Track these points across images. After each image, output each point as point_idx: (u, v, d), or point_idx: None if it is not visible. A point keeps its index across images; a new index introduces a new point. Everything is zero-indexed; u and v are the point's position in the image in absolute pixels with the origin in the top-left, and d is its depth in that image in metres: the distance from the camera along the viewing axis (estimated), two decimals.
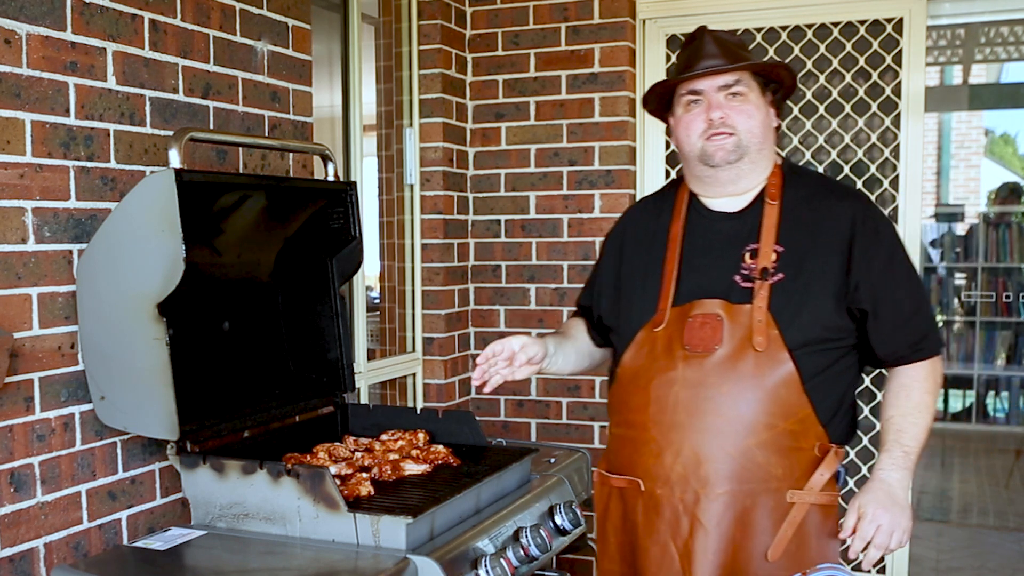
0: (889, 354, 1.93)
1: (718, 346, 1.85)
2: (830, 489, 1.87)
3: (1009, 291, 7.55)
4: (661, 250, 2.01)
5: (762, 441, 1.83)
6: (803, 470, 1.86)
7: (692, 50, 1.96)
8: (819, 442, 1.87)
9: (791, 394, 1.83)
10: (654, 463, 1.90)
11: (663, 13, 3.77)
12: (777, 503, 1.85)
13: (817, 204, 1.94)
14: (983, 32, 6.83)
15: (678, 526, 1.87)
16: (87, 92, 2.11)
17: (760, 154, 1.95)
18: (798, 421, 1.84)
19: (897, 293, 1.90)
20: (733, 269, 1.91)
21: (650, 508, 1.91)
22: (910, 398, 1.90)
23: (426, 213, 3.75)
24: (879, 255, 1.89)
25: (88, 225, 2.12)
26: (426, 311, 3.78)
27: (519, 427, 3.91)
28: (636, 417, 1.95)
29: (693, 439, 1.85)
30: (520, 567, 2.13)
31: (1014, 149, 12.02)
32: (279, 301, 2.65)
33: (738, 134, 1.91)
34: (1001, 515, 5.52)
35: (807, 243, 1.90)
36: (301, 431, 2.56)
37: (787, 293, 1.86)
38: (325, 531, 2.05)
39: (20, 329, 1.98)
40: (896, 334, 1.90)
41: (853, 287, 1.87)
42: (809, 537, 1.85)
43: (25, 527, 1.99)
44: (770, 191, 1.95)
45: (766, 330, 1.84)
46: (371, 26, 3.84)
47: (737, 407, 1.84)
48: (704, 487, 1.85)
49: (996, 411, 7.96)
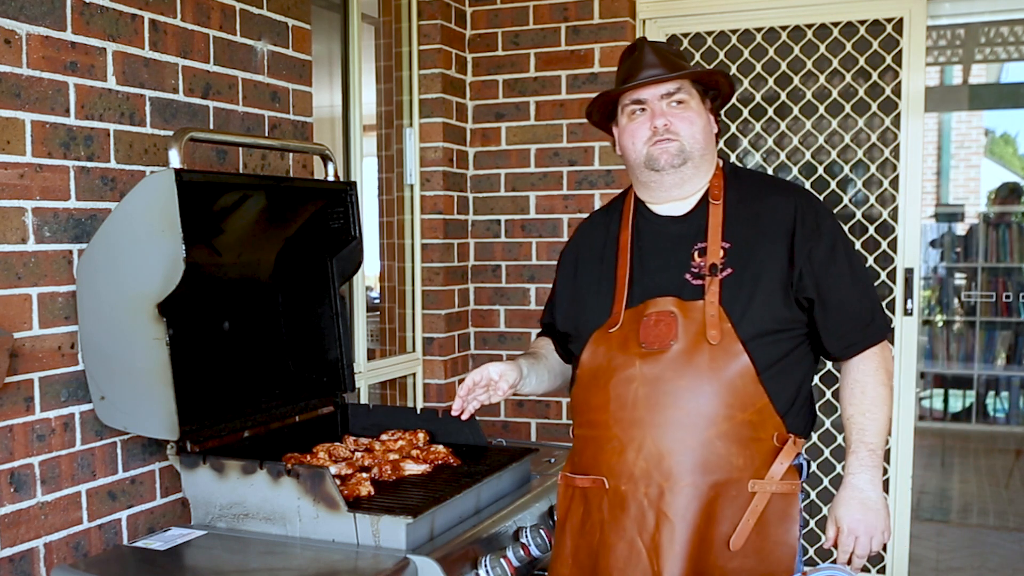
0: (837, 344, 1.96)
1: (674, 341, 1.90)
2: (790, 478, 1.90)
3: (1009, 291, 7.55)
4: (612, 258, 2.06)
5: (722, 432, 1.87)
6: (763, 460, 1.89)
7: (632, 61, 2.00)
8: (777, 432, 1.90)
9: (747, 385, 1.87)
10: (617, 460, 1.93)
11: (663, 13, 3.77)
12: (739, 492, 1.88)
13: (759, 200, 2.00)
14: (983, 32, 6.83)
15: (644, 521, 1.90)
16: (87, 92, 2.11)
17: (703, 159, 2.00)
18: (756, 412, 1.88)
19: (840, 281, 1.93)
20: (684, 268, 1.96)
21: (615, 505, 1.94)
22: (865, 394, 1.94)
23: (426, 213, 3.75)
24: (820, 245, 1.93)
25: (88, 225, 2.12)
26: (426, 311, 3.78)
27: (519, 427, 3.91)
28: (597, 416, 1.99)
29: (654, 434, 1.89)
30: (520, 567, 2.13)
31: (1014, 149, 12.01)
32: (279, 301, 2.65)
33: (681, 140, 1.97)
34: (1001, 515, 5.52)
35: (752, 237, 1.95)
36: (301, 431, 2.56)
37: (736, 287, 1.91)
38: (325, 531, 2.05)
39: (20, 329, 1.98)
40: (843, 322, 1.94)
41: (797, 277, 1.91)
42: (770, 525, 1.88)
43: (25, 527, 1.99)
44: (713, 192, 2.01)
45: (719, 323, 1.88)
46: (371, 26, 3.84)
47: (696, 400, 1.87)
48: (668, 480, 1.88)
49: (996, 411, 7.95)
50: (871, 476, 1.92)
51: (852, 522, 1.90)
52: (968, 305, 7.77)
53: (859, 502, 1.91)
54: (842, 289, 1.94)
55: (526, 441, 3.60)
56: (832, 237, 1.96)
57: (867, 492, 1.91)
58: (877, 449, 1.93)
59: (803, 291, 1.92)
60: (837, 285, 1.93)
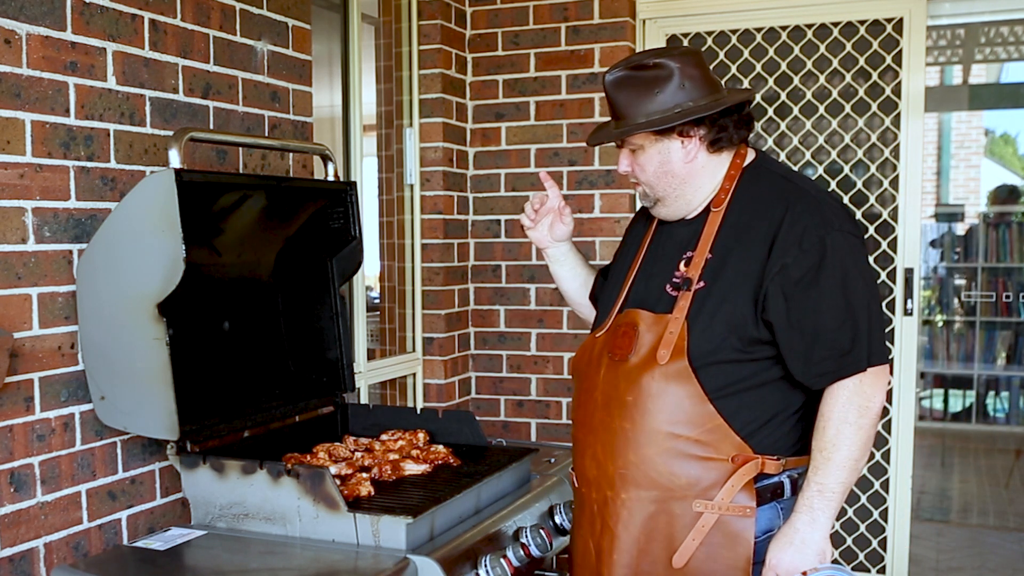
0: (804, 372, 1.81)
1: (631, 355, 1.89)
2: (748, 499, 1.82)
3: (1009, 291, 7.55)
4: (632, 258, 2.07)
5: (664, 449, 1.84)
6: (715, 480, 1.83)
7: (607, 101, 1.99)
8: (737, 453, 1.82)
9: (696, 405, 1.82)
10: (579, 462, 2.00)
11: (663, 13, 3.77)
12: (683, 511, 1.84)
13: (756, 208, 1.89)
14: (983, 32, 6.83)
15: (594, 524, 1.94)
16: (87, 92, 2.11)
17: (674, 196, 1.95)
18: (706, 431, 1.82)
19: (818, 306, 1.78)
20: (667, 278, 1.93)
21: (579, 505, 2.02)
22: (825, 431, 1.79)
23: (426, 213, 3.75)
24: (800, 262, 1.79)
25: (88, 225, 2.12)
26: (426, 311, 3.78)
27: (519, 427, 3.91)
28: (574, 416, 2.05)
29: (604, 442, 1.90)
30: (520, 567, 2.13)
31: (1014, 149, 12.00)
32: (279, 301, 2.65)
33: (642, 184, 1.98)
34: (1001, 515, 5.52)
35: (733, 248, 1.87)
36: (301, 431, 2.56)
37: (704, 301, 1.85)
38: (325, 531, 2.05)
39: (20, 329, 1.98)
40: (812, 350, 1.79)
41: (763, 296, 1.80)
42: (719, 547, 1.83)
43: (25, 527, 1.99)
44: (718, 197, 1.94)
45: (673, 342, 1.83)
46: (371, 26, 3.84)
47: (641, 416, 1.85)
48: (611, 490, 1.89)
49: (996, 411, 7.95)
50: (811, 517, 1.79)
51: (775, 559, 1.81)
52: (968, 305, 7.77)
53: (789, 541, 1.80)
54: (819, 313, 1.78)
55: (526, 441, 3.60)
56: (819, 255, 1.78)
57: (802, 533, 1.80)
58: (827, 491, 1.78)
59: (765, 312, 1.80)
60: (814, 308, 1.78)
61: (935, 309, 8.00)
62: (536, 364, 3.87)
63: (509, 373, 3.92)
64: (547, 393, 3.87)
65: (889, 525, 3.70)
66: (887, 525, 3.70)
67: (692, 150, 1.91)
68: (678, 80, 1.88)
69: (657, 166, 1.92)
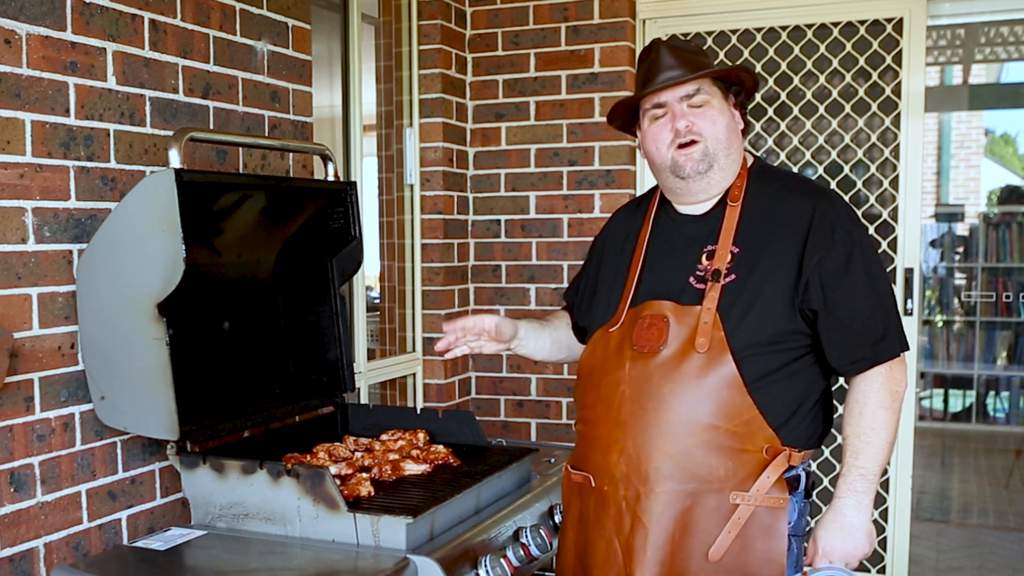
0: (841, 359, 1.89)
1: (663, 347, 1.87)
2: (780, 491, 1.85)
3: (1009, 291, 7.55)
4: (630, 253, 2.05)
5: (703, 441, 1.84)
6: (748, 472, 1.85)
7: (649, 63, 1.96)
8: (768, 444, 1.85)
9: (734, 396, 1.83)
10: (602, 460, 1.94)
11: (663, 13, 3.77)
12: (720, 503, 1.85)
13: (778, 203, 1.94)
14: (983, 32, 6.83)
15: (621, 522, 1.90)
16: (87, 92, 2.11)
17: (728, 159, 1.96)
18: (743, 423, 1.84)
19: (852, 293, 1.86)
20: (689, 270, 1.93)
21: (599, 504, 1.95)
22: (862, 416, 1.88)
23: (426, 213, 3.75)
24: (833, 255, 1.85)
25: (88, 225, 2.12)
26: (426, 311, 3.78)
27: (519, 427, 3.91)
28: (588, 414, 2.00)
29: (635, 437, 1.88)
30: (520, 567, 2.13)
31: (1014, 149, 12.00)
32: (279, 301, 2.65)
33: (704, 141, 1.93)
34: (1001, 515, 5.52)
35: (763, 243, 1.90)
36: (301, 431, 2.56)
37: (737, 294, 1.87)
38: (325, 531, 2.05)
39: (20, 329, 1.98)
40: (850, 337, 1.86)
41: (803, 287, 1.86)
42: (754, 540, 1.84)
43: (25, 527, 1.99)
44: (733, 192, 1.97)
45: (710, 332, 1.85)
46: (371, 26, 3.84)
47: (679, 407, 1.85)
48: (644, 485, 1.87)
49: (996, 411, 7.95)
50: (857, 501, 1.86)
51: (828, 546, 1.87)
52: (968, 305, 7.77)
53: (839, 527, 1.87)
54: (853, 302, 1.86)
55: (526, 441, 3.60)
56: (848, 246, 1.86)
57: (850, 517, 1.86)
58: (869, 474, 1.87)
59: (808, 302, 1.86)
60: (848, 297, 1.85)
61: (935, 309, 8.00)
62: (536, 364, 3.87)
63: (509, 373, 3.93)
64: (547, 393, 3.87)
65: (889, 525, 3.70)
66: (887, 525, 3.70)
67: (738, 123, 1.99)
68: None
69: (728, 121, 1.95)
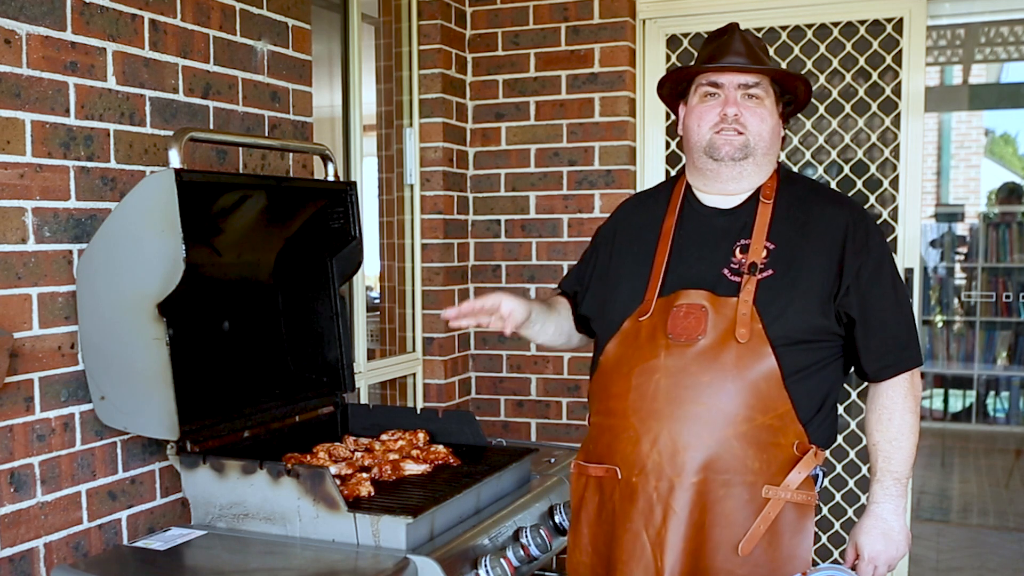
0: (874, 364, 1.93)
1: (701, 336, 1.87)
2: (807, 489, 1.86)
3: (1009, 291, 7.55)
4: (653, 242, 2.03)
5: (740, 432, 1.84)
6: (780, 466, 1.86)
7: (720, 44, 1.96)
8: (798, 440, 1.87)
9: (771, 388, 1.84)
10: (632, 451, 1.90)
11: (663, 13, 3.77)
12: (752, 497, 1.84)
13: (811, 207, 1.97)
14: (983, 32, 6.83)
15: (652, 515, 1.87)
16: (87, 92, 2.11)
17: (765, 158, 1.98)
18: (777, 416, 1.85)
19: (884, 301, 1.91)
20: (723, 263, 1.93)
21: (626, 497, 1.92)
22: (892, 421, 1.92)
23: (426, 213, 3.75)
24: (868, 263, 1.91)
25: (88, 225, 2.12)
26: (426, 311, 3.78)
27: (519, 427, 3.91)
28: (616, 405, 1.95)
29: (671, 427, 1.86)
30: (520, 567, 2.13)
31: (1014, 149, 12.00)
32: (279, 301, 2.65)
33: (748, 134, 1.93)
34: (1001, 515, 5.52)
35: (799, 242, 1.92)
36: (301, 431, 2.56)
37: (774, 289, 1.88)
38: (325, 531, 2.05)
39: (20, 329, 1.98)
40: (882, 343, 1.91)
41: (843, 291, 1.89)
42: (782, 535, 1.85)
43: (25, 527, 1.99)
44: (766, 191, 1.98)
45: (750, 323, 1.85)
46: (371, 26, 3.84)
47: (717, 397, 1.84)
48: (679, 475, 1.85)
49: (996, 411, 7.95)
50: (895, 506, 1.91)
51: (873, 552, 1.91)
52: (968, 305, 7.77)
53: (881, 532, 1.91)
54: (885, 309, 1.91)
55: (526, 441, 3.60)
56: (880, 255, 1.93)
57: (890, 522, 1.91)
58: (902, 478, 1.92)
59: (847, 307, 1.89)
60: (881, 305, 1.91)
61: (935, 309, 8.00)
62: (536, 364, 3.87)
63: (509, 373, 3.92)
64: (547, 393, 3.87)
65: None
66: None
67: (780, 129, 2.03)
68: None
69: (774, 123, 1.98)
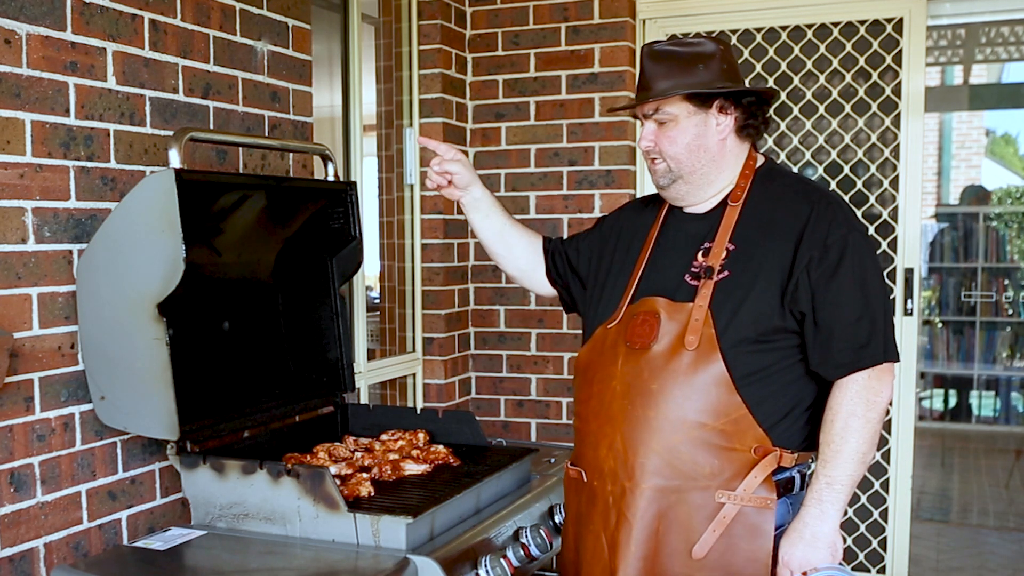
0: (824, 364, 1.86)
1: (654, 343, 1.88)
2: (768, 491, 1.84)
3: (1009, 291, 7.55)
4: (636, 251, 2.07)
5: (690, 439, 1.84)
6: (736, 471, 1.84)
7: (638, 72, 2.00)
8: (758, 444, 1.84)
9: (723, 394, 1.83)
10: (592, 455, 1.95)
11: (663, 13, 3.77)
12: (705, 502, 1.84)
13: (778, 204, 1.95)
14: (983, 32, 6.83)
15: (608, 518, 1.91)
16: (87, 92, 2.11)
17: (700, 175, 1.96)
18: (731, 421, 1.84)
19: (840, 297, 1.84)
20: (685, 268, 1.95)
21: (589, 499, 1.97)
22: (833, 424, 1.83)
23: (426, 213, 3.75)
24: (825, 257, 1.84)
25: (88, 225, 2.12)
26: (426, 311, 3.78)
27: (519, 427, 3.91)
28: (582, 409, 2.02)
29: (624, 432, 1.89)
30: (520, 567, 2.13)
31: (1015, 149, 11.99)
32: (279, 301, 2.65)
33: (666, 160, 1.96)
34: (1001, 515, 5.52)
35: (758, 241, 1.91)
36: (301, 431, 2.56)
37: (729, 290, 1.88)
38: (325, 531, 2.05)
39: (20, 329, 1.98)
40: (829, 342, 1.84)
41: (792, 287, 1.85)
42: (740, 539, 1.84)
43: (25, 527, 1.99)
44: (735, 193, 1.98)
45: (700, 328, 1.85)
46: (371, 26, 3.84)
47: (667, 404, 1.85)
48: (630, 480, 1.87)
49: (996, 411, 7.96)
50: (820, 511, 1.82)
51: (787, 555, 1.84)
52: (968, 305, 7.77)
53: (800, 536, 1.83)
54: (839, 306, 1.84)
55: (526, 441, 3.60)
56: (841, 249, 1.85)
57: (812, 527, 1.83)
58: (835, 483, 1.82)
59: (795, 303, 1.85)
60: (835, 301, 1.84)
61: (935, 309, 8.00)
62: (536, 364, 3.87)
63: (509, 373, 3.93)
64: (547, 393, 3.87)
65: (889, 525, 3.70)
66: (887, 525, 3.70)
67: (725, 129, 1.96)
68: (719, 60, 1.94)
69: (692, 139, 1.94)
